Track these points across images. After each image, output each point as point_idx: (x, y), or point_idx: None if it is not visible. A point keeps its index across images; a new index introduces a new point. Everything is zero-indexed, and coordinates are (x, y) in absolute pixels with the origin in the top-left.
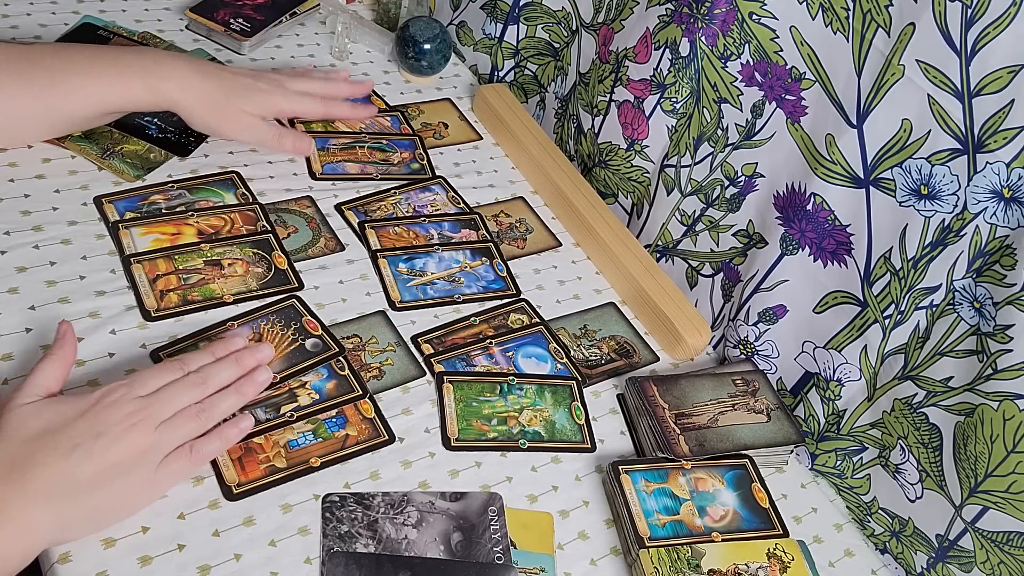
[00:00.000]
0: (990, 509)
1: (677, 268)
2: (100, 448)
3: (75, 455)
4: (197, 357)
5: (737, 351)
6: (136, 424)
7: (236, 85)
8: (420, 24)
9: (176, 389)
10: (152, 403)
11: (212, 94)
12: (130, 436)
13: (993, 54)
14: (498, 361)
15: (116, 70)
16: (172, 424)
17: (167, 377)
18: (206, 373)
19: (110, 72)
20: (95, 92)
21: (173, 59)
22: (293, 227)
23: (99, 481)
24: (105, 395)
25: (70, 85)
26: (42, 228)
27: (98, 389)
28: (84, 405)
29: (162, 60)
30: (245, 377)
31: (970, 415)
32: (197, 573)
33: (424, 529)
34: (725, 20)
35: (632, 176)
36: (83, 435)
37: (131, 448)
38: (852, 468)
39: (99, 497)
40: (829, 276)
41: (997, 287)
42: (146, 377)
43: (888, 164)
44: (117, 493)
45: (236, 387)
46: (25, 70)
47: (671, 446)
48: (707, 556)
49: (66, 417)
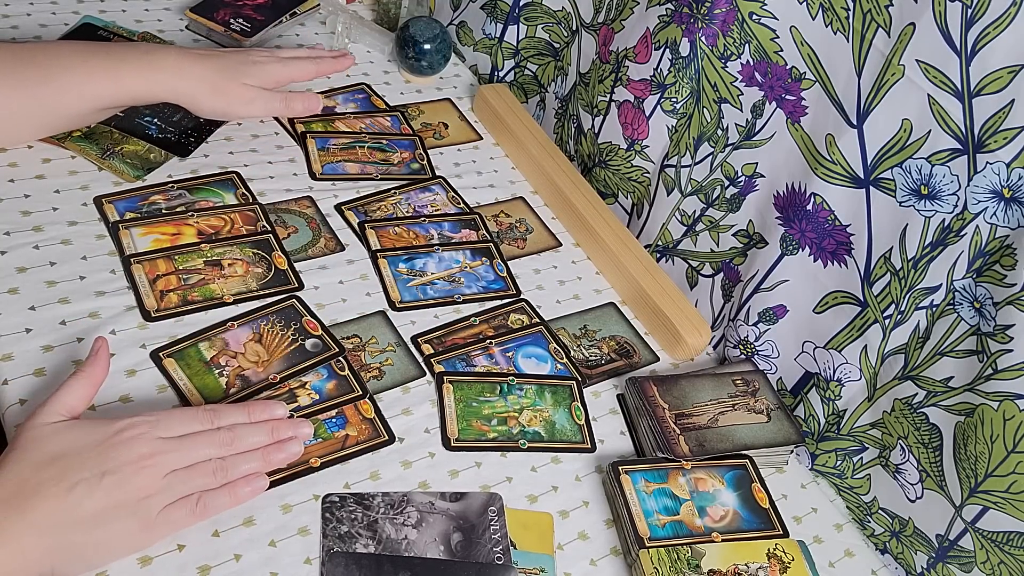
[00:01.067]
0: (990, 509)
1: (677, 268)
2: (104, 487)
3: (78, 490)
4: (232, 413)
5: (737, 351)
6: (146, 468)
7: (231, 62)
8: (420, 24)
9: (200, 441)
10: (170, 450)
11: (210, 75)
12: (136, 479)
13: (993, 54)
14: (498, 361)
15: (109, 64)
16: (184, 475)
17: (194, 426)
18: (236, 434)
19: (103, 67)
20: (89, 88)
21: (164, 49)
22: (293, 227)
23: (96, 520)
24: (125, 428)
25: (64, 82)
26: (42, 228)
27: (121, 419)
28: (101, 435)
29: (154, 51)
30: (275, 445)
31: (970, 415)
32: (197, 573)
33: (424, 529)
34: (725, 20)
35: (632, 176)
36: (91, 470)
37: (135, 492)
38: (852, 468)
39: (93, 536)
40: (829, 276)
41: (997, 287)
42: (173, 419)
43: (888, 164)
44: (112, 535)
45: (264, 452)
46: (18, 69)
47: (671, 446)
48: (707, 556)
49: (79, 446)
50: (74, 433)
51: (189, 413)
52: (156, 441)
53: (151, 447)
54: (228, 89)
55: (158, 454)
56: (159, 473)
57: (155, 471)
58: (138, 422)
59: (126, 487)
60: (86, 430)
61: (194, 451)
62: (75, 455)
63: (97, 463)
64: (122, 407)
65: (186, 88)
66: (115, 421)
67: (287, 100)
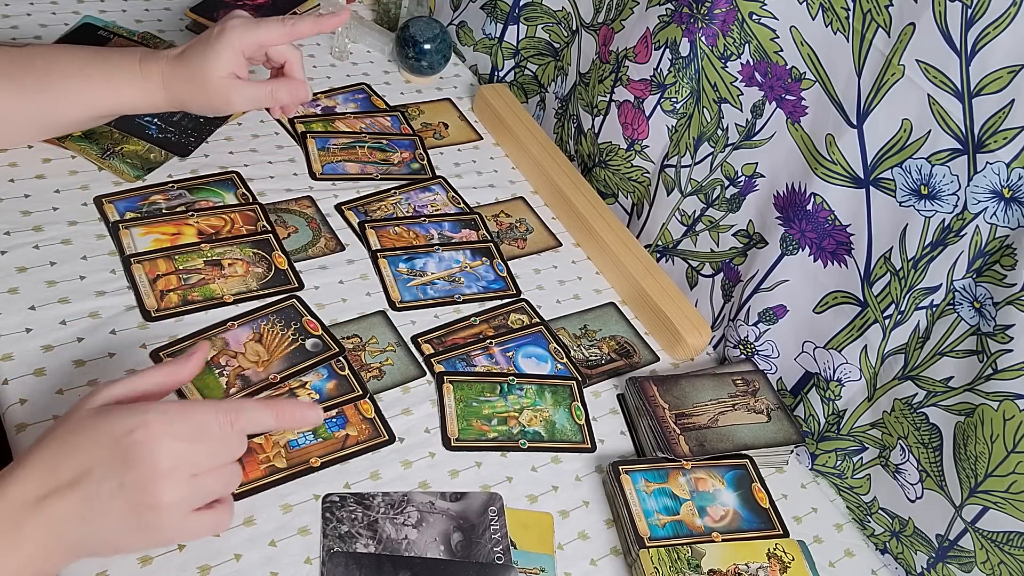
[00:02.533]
0: (990, 509)
1: (677, 268)
2: (124, 498)
3: (96, 505)
4: (257, 416)
5: (737, 351)
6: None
7: (205, 49)
8: (420, 24)
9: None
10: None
11: (191, 73)
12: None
13: (993, 54)
14: (498, 361)
15: (105, 73)
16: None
17: (212, 430)
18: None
19: (100, 76)
20: (86, 97)
21: (155, 56)
22: (293, 227)
23: (114, 530)
24: (137, 428)
25: (61, 89)
26: (42, 228)
27: (134, 414)
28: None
29: (147, 59)
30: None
31: (970, 415)
32: (197, 573)
33: (424, 529)
34: (725, 20)
35: (632, 176)
36: (110, 479)
37: (153, 503)
38: (852, 468)
39: (112, 544)
40: (829, 276)
41: (997, 287)
42: (189, 421)
43: (888, 164)
44: (131, 543)
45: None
46: (16, 75)
47: (671, 446)
48: (707, 556)
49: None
50: (100, 428)
51: (208, 414)
52: (173, 446)
53: (169, 457)
54: (207, 85)
55: (177, 466)
56: (179, 481)
57: (174, 480)
58: (152, 421)
59: (144, 498)
60: (109, 425)
61: (214, 458)
62: (96, 460)
63: (115, 471)
64: None
65: (176, 95)
66: (127, 416)
67: (271, 91)
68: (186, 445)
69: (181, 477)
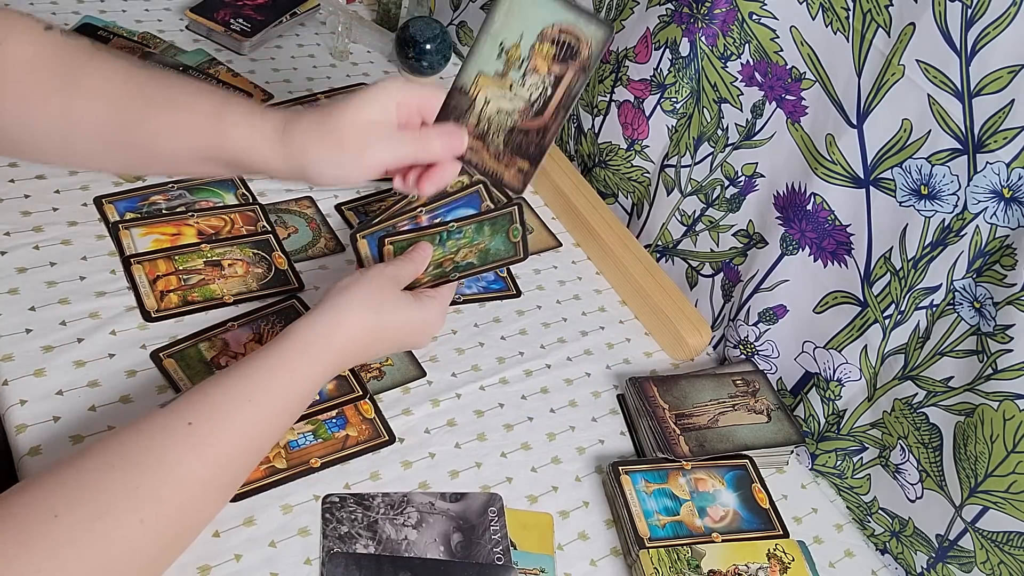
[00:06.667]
0: (990, 509)
1: (677, 268)
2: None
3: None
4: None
5: (737, 351)
6: None
7: (351, 95)
8: (420, 24)
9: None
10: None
11: (323, 115)
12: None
13: (993, 54)
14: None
15: (216, 104)
16: None
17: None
18: None
19: (210, 105)
20: (186, 126)
21: (287, 108)
22: (293, 227)
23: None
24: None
25: (165, 118)
26: (42, 228)
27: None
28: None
29: (276, 107)
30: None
31: (970, 415)
32: (197, 573)
33: (424, 530)
34: (725, 20)
35: (632, 176)
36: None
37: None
38: (852, 468)
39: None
40: (829, 276)
41: (997, 287)
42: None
43: (888, 164)
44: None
45: None
46: (122, 99)
47: (671, 446)
48: (707, 557)
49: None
50: (396, 315)
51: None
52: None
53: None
54: (344, 132)
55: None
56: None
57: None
58: (433, 321)
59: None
60: (405, 312)
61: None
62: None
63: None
64: (122, 407)
65: (291, 148)
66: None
67: (422, 140)
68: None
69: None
